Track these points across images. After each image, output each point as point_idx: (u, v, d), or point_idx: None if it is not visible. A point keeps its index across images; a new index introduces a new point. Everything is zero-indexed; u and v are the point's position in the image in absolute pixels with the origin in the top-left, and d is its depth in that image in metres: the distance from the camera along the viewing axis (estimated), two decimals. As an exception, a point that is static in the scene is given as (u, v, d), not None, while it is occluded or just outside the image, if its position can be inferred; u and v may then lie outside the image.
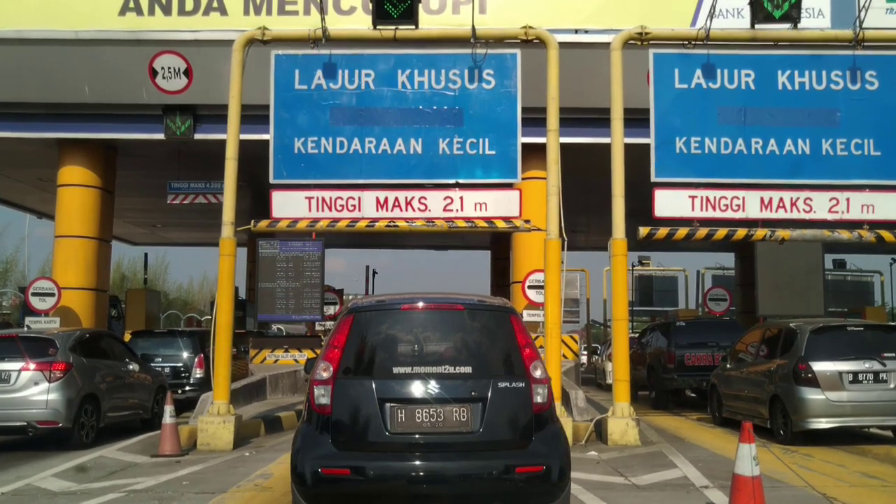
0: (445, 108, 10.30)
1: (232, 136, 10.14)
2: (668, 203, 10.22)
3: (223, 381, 9.85)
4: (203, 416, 9.72)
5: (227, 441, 9.51)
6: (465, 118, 10.29)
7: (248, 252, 23.13)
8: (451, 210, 10.17)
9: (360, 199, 10.23)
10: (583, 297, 34.84)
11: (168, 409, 9.17)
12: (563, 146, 10.39)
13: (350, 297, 34.89)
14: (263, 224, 10.34)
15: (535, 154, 11.82)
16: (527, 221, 10.20)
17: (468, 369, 4.76)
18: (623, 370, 9.88)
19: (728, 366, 11.94)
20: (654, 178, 10.28)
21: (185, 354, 13.87)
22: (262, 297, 15.65)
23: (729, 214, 10.25)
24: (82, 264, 16.04)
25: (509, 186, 10.40)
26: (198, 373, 13.41)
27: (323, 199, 10.22)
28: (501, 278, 30.29)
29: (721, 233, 10.17)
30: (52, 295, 15.14)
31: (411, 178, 10.33)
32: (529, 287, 15.48)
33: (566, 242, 9.96)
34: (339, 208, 10.21)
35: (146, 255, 25.72)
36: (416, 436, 4.63)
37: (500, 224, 10.21)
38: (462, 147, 10.26)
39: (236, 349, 17.32)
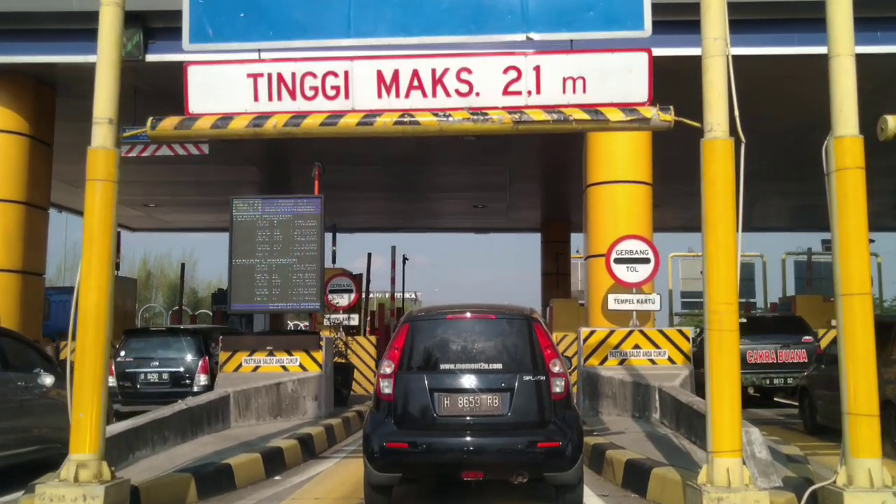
0: None
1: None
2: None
3: (91, 414, 5.21)
4: (48, 483, 5.07)
5: (90, 534, 4.86)
6: (543, -82, 5.49)
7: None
8: (518, 92, 5.35)
9: (346, 74, 5.47)
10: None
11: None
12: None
13: (379, 295, 30.89)
14: (170, 123, 5.65)
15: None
16: (664, 109, 5.32)
17: (499, 366, 5.85)
18: (867, 398, 4.94)
19: (823, 366, 10.16)
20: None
21: (189, 357, 11.93)
22: (237, 279, 10.92)
23: None
24: (1, 238, 12.03)
25: (627, 47, 5.55)
26: (202, 379, 11.72)
27: (280, 77, 5.50)
28: (555, 264, 25.84)
29: None
30: (-48, 279, 11.04)
31: (441, 33, 5.54)
32: (617, 261, 10.89)
33: (743, 147, 5.08)
34: (310, 93, 5.48)
35: (119, 233, 21.40)
36: (458, 418, 5.73)
37: (614, 115, 5.32)
38: (537, -27, 5.45)
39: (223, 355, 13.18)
